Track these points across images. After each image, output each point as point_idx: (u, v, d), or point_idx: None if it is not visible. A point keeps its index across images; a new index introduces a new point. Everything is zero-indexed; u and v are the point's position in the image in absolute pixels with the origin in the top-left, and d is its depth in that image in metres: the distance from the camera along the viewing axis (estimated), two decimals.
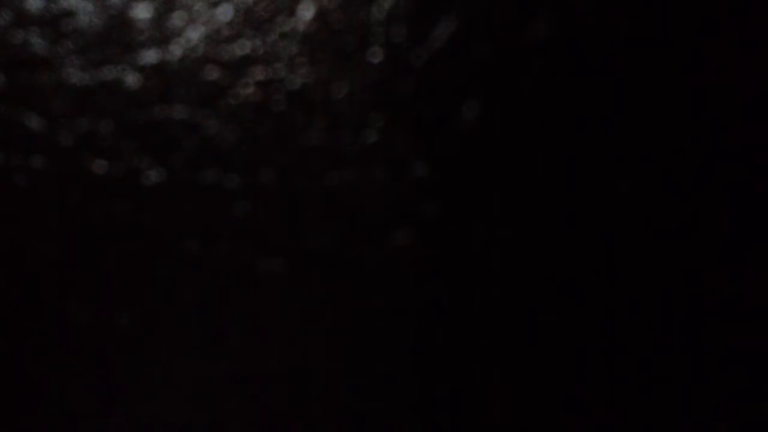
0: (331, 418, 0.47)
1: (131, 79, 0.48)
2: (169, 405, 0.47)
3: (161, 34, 0.48)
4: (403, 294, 0.47)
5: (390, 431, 0.47)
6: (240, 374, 0.47)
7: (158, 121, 0.48)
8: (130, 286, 0.48)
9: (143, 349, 0.48)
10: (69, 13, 0.48)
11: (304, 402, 0.47)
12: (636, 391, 0.47)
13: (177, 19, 0.49)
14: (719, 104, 0.47)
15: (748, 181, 0.47)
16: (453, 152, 0.48)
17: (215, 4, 0.48)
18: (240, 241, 0.48)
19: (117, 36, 0.48)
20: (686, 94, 0.48)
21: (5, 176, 0.48)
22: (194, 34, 0.48)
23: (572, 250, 0.48)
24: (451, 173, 0.48)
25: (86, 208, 0.48)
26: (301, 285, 0.48)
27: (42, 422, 0.47)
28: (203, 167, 0.48)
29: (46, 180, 0.48)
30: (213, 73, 0.48)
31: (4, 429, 0.47)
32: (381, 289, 0.47)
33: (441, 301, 0.47)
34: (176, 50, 0.48)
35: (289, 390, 0.47)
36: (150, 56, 0.48)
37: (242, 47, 0.48)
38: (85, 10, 0.48)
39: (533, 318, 0.47)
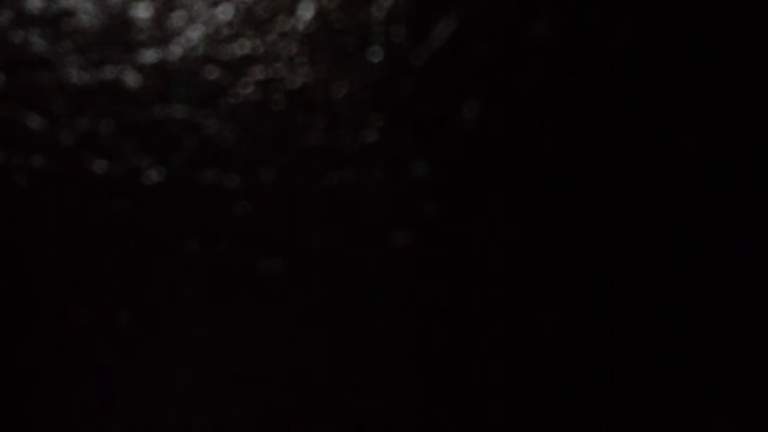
0: (331, 418, 0.47)
1: (131, 79, 0.48)
2: (169, 405, 0.47)
3: (161, 33, 0.48)
4: (403, 294, 0.47)
5: (390, 431, 0.47)
6: (240, 374, 0.47)
7: (158, 120, 0.48)
8: (130, 286, 0.48)
9: (143, 349, 0.48)
10: (69, 13, 0.48)
11: (304, 402, 0.47)
12: (636, 391, 0.47)
13: (177, 18, 0.48)
14: (719, 104, 0.47)
15: (748, 181, 0.47)
16: (453, 152, 0.48)
17: (215, 4, 0.48)
18: (240, 241, 0.48)
19: (117, 36, 0.48)
20: (686, 94, 0.47)
21: (5, 176, 0.48)
22: (194, 34, 0.48)
23: (572, 250, 0.47)
24: (451, 173, 0.48)
25: (86, 208, 0.48)
26: (301, 285, 0.48)
27: (42, 422, 0.47)
28: (203, 167, 0.48)
29: (47, 180, 0.48)
30: (213, 73, 0.48)
31: (4, 429, 0.47)
32: (381, 289, 0.47)
33: (441, 301, 0.47)
34: (176, 50, 0.48)
35: (289, 390, 0.47)
36: (150, 56, 0.48)
37: (242, 47, 0.48)
38: (85, 10, 0.48)
39: (533, 318, 0.47)
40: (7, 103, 0.48)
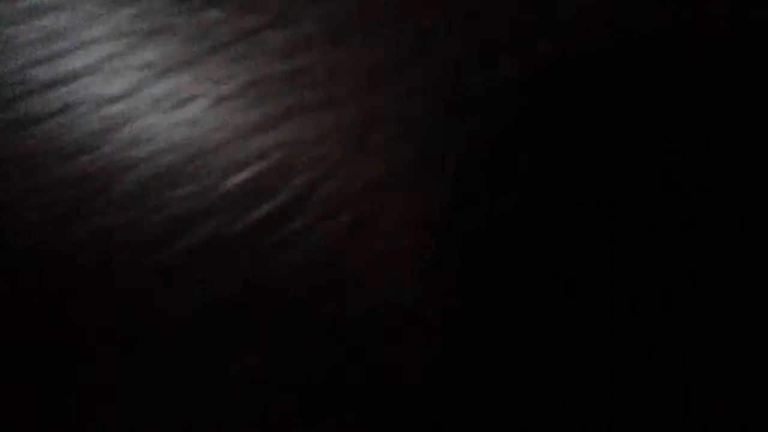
0: (332, 417, 0.47)
1: None
2: (169, 405, 0.47)
3: None
4: (404, 293, 0.46)
5: (390, 431, 0.47)
6: (239, 374, 0.47)
7: None
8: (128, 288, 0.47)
9: (142, 350, 0.47)
10: None
11: (304, 402, 0.47)
12: (636, 391, 0.47)
13: None
14: (722, 106, 0.47)
15: (749, 181, 0.47)
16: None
17: None
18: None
19: None
20: (688, 95, 0.48)
21: None
22: None
23: (572, 250, 0.48)
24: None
25: None
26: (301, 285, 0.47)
27: (42, 422, 0.47)
28: None
29: None
30: None
31: (4, 429, 0.47)
32: (381, 289, 0.46)
33: (441, 301, 0.47)
34: None
35: (289, 389, 0.47)
36: None
37: None
38: None
39: (533, 318, 0.47)
40: None
